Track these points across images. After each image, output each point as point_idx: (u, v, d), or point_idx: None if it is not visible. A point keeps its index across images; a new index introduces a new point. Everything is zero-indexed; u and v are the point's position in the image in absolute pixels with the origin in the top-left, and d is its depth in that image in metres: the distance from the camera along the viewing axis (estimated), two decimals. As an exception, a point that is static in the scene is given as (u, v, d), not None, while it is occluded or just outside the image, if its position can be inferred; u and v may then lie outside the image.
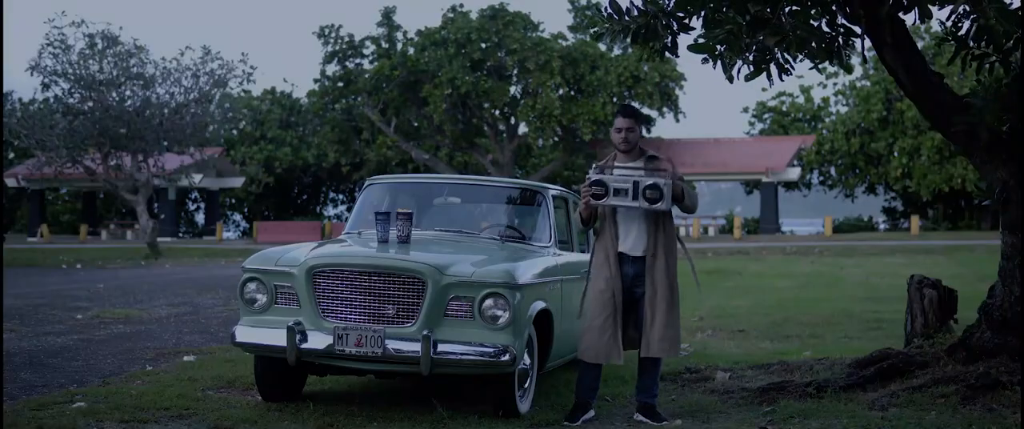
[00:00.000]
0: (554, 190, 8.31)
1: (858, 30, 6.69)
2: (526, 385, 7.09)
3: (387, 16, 46.26)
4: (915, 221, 44.35)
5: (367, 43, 46.25)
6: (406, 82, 44.69)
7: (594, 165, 7.02)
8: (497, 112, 46.43)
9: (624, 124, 6.96)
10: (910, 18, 6.92)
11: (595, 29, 7.06)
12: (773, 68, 6.65)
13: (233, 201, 59.42)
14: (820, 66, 6.97)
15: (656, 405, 6.93)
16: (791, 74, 6.78)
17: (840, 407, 6.95)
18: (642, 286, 6.90)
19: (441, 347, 6.59)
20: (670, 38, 6.89)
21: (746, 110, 56.11)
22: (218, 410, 7.01)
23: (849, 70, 7.30)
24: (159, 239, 34.43)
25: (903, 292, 8.60)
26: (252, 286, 7.03)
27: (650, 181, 6.58)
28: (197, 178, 39.88)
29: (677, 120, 47.69)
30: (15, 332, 11.17)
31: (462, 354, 6.61)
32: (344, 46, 46.08)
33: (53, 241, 43.76)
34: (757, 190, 49.20)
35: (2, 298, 11.05)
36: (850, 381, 7.49)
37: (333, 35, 45.97)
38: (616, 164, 6.99)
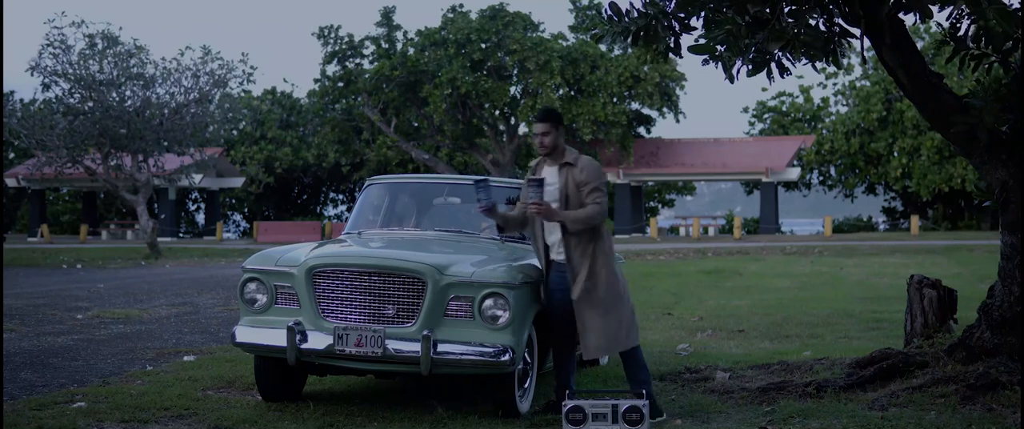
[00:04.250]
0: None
1: (857, 31, 6.69)
2: (526, 385, 7.10)
3: (387, 16, 46.25)
4: (915, 221, 44.35)
5: (367, 43, 46.25)
6: (406, 82, 44.70)
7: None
8: (497, 112, 46.43)
9: (540, 129, 6.94)
10: (910, 19, 6.93)
11: (595, 31, 7.06)
12: (773, 66, 6.65)
13: (233, 201, 59.43)
14: (817, 66, 6.98)
15: (654, 398, 6.93)
16: (791, 73, 6.78)
17: (840, 407, 6.96)
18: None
19: (441, 347, 6.60)
20: (673, 39, 6.90)
21: (746, 110, 56.14)
22: (218, 410, 7.02)
23: (847, 70, 7.30)
24: (159, 239, 34.42)
25: (903, 292, 8.61)
26: (252, 286, 7.04)
27: (628, 404, 6.54)
28: (197, 178, 39.88)
29: (677, 120, 47.71)
30: (15, 332, 11.17)
31: (462, 354, 6.61)
32: (344, 46, 46.08)
33: (53, 241, 43.77)
34: (757, 190, 49.20)
35: (2, 298, 11.05)
36: (850, 381, 7.49)
37: (333, 35, 45.97)
38: (546, 167, 7.02)
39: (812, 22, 6.51)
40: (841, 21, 6.73)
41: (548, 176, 6.98)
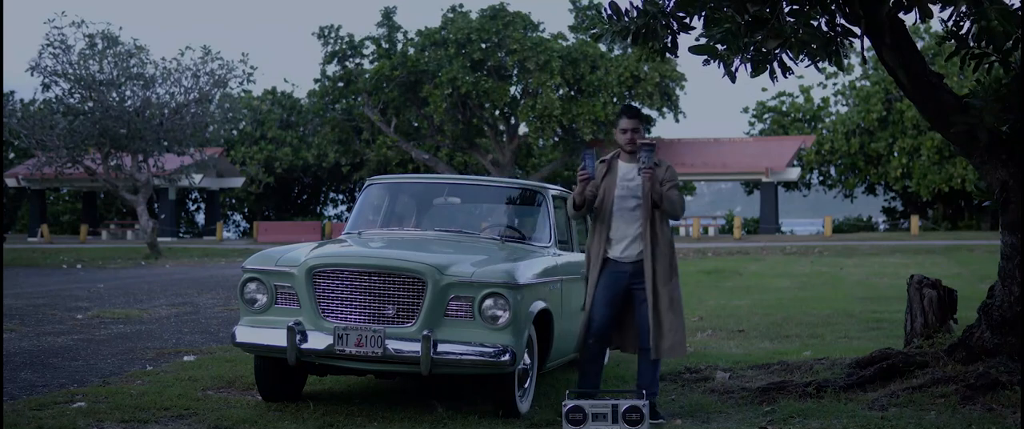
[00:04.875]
0: (554, 190, 8.32)
1: (857, 31, 6.69)
2: (526, 385, 7.09)
3: (387, 16, 46.26)
4: (915, 221, 44.34)
5: (367, 43, 46.25)
6: (406, 82, 44.71)
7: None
8: (497, 112, 46.43)
9: (630, 125, 7.04)
10: (910, 18, 6.93)
11: (595, 30, 7.07)
12: (776, 66, 6.65)
13: (233, 201, 59.43)
14: (818, 66, 6.98)
15: (656, 404, 6.94)
16: (793, 73, 6.78)
17: (840, 407, 6.96)
18: (640, 289, 6.94)
19: (441, 347, 6.60)
20: (670, 38, 6.90)
21: (746, 110, 56.14)
22: (218, 410, 7.02)
23: (847, 70, 7.29)
24: (159, 239, 34.41)
25: (903, 292, 8.61)
26: (252, 286, 7.03)
27: (628, 404, 6.51)
28: (197, 178, 39.85)
29: (677, 120, 47.72)
30: (15, 332, 11.17)
31: (462, 354, 6.61)
32: (344, 46, 46.08)
33: (53, 241, 43.76)
34: (757, 190, 49.21)
35: (2, 298, 11.05)
36: (850, 381, 7.49)
37: (333, 35, 45.97)
38: (623, 163, 7.07)
39: (813, 22, 6.51)
40: (842, 21, 6.72)
41: (627, 172, 7.01)
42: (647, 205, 6.95)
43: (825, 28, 6.69)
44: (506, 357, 6.60)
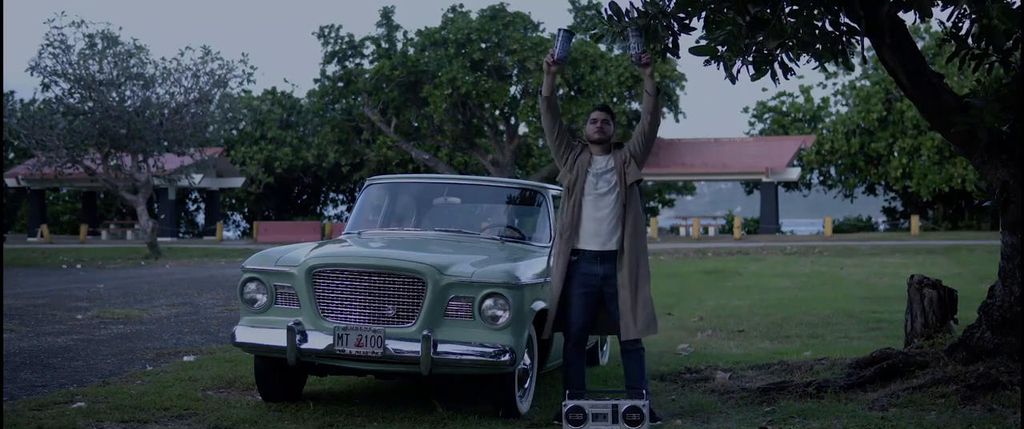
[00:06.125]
0: (554, 190, 8.32)
1: (859, 29, 6.69)
2: (526, 385, 7.09)
3: (387, 16, 46.26)
4: (915, 221, 44.34)
5: (367, 43, 46.26)
6: (406, 82, 44.71)
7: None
8: (497, 112, 46.44)
9: (600, 116, 7.08)
10: (910, 18, 6.93)
11: (595, 30, 7.07)
12: (777, 68, 6.64)
13: (233, 201, 59.42)
14: (822, 66, 6.97)
15: (652, 403, 6.92)
16: (794, 74, 6.78)
17: (840, 407, 6.96)
18: (612, 285, 6.91)
19: (441, 347, 6.60)
20: (671, 39, 6.90)
21: (746, 110, 56.14)
22: (218, 410, 7.02)
23: (850, 68, 7.29)
24: (159, 239, 34.39)
25: (903, 292, 8.61)
26: (252, 286, 7.03)
27: (628, 404, 6.49)
28: (197, 178, 39.83)
29: (677, 120, 47.77)
30: (15, 332, 11.17)
31: (462, 354, 6.61)
32: (344, 46, 46.08)
33: (53, 241, 43.76)
34: (757, 190, 49.20)
35: (2, 298, 11.05)
36: (850, 381, 7.49)
37: (333, 35, 45.98)
38: (596, 156, 7.03)
39: (817, 23, 6.50)
40: (848, 20, 6.71)
41: (601, 163, 7.00)
42: (621, 190, 6.92)
43: (829, 28, 6.69)
44: (506, 357, 6.60)
